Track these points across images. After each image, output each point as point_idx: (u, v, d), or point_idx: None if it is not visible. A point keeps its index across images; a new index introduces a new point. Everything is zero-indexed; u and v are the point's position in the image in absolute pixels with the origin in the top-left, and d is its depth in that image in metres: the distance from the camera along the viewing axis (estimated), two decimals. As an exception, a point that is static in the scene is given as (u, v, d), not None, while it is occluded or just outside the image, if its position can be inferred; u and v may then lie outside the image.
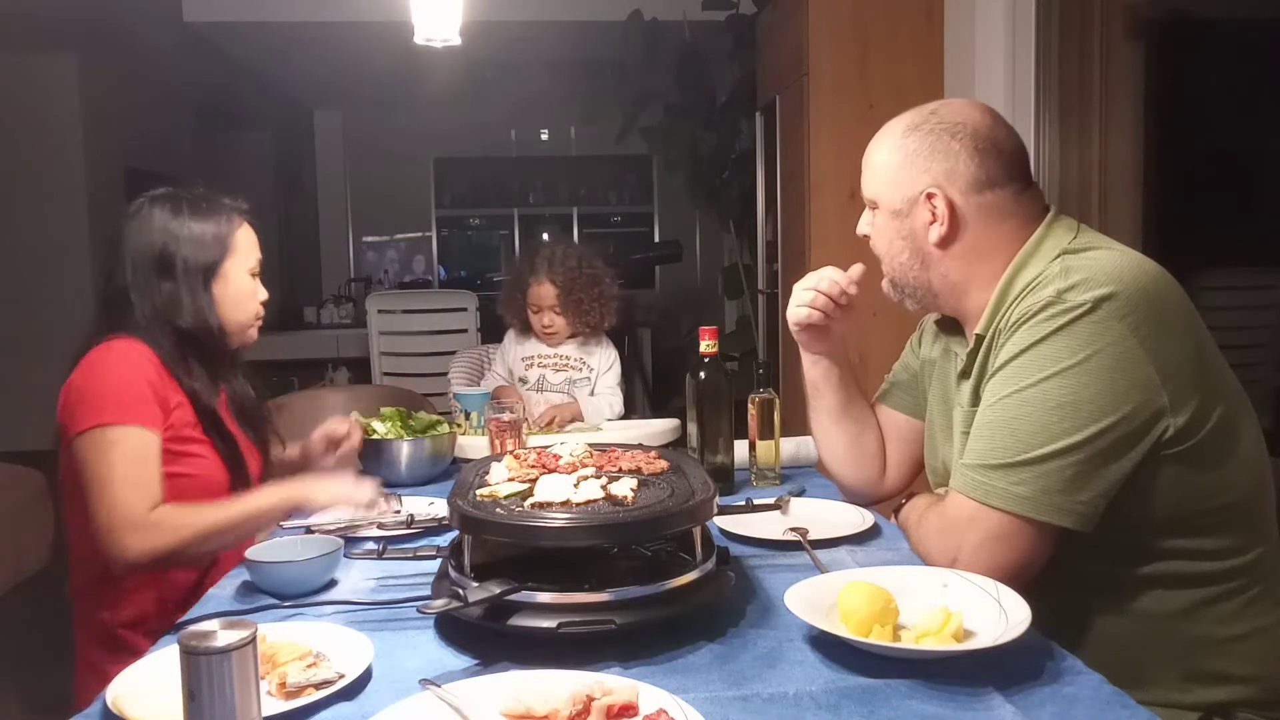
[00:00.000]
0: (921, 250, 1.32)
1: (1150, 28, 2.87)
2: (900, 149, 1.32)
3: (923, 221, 1.30)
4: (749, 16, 4.45)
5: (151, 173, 6.53)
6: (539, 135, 8.61)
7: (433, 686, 0.92)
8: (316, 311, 6.58)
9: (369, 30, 4.92)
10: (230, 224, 1.69)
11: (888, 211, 1.34)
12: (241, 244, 1.69)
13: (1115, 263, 1.18)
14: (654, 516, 1.09)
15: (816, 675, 0.97)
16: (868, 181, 1.37)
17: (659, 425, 2.28)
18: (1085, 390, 1.13)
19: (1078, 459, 1.12)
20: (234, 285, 1.68)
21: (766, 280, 4.12)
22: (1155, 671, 1.18)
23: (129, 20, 5.10)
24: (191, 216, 1.65)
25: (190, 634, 0.76)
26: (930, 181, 1.29)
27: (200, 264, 1.65)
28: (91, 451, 1.48)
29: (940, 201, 1.28)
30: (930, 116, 1.31)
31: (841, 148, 3.25)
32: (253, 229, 1.73)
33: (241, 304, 1.70)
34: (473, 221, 8.83)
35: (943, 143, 1.29)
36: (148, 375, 1.56)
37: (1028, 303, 1.20)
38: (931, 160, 1.29)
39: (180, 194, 1.68)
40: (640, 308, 6.67)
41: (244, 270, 1.70)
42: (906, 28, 3.25)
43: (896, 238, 1.34)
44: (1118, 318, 1.13)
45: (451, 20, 2.16)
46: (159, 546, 1.45)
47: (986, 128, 1.29)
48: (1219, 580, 1.18)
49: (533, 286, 2.72)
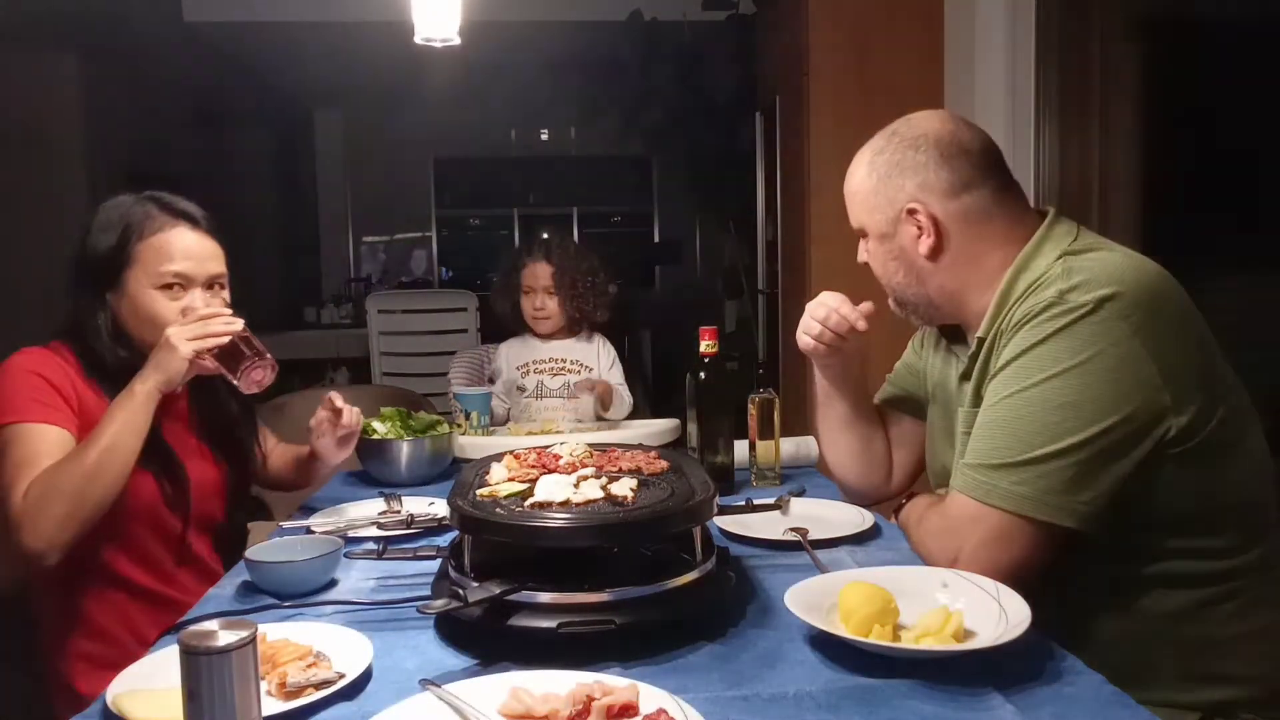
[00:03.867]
0: (914, 266, 1.34)
1: (1150, 28, 2.87)
2: (872, 174, 1.35)
3: (909, 238, 1.32)
4: (749, 16, 4.46)
5: (151, 173, 6.49)
6: (539, 135, 8.61)
7: (433, 686, 0.92)
8: (316, 311, 6.59)
9: (369, 30, 4.92)
10: (136, 227, 1.49)
11: (875, 236, 1.37)
12: (149, 252, 1.49)
13: (1117, 263, 1.19)
14: (654, 516, 1.09)
15: (816, 675, 0.97)
16: (852, 212, 1.41)
17: (659, 425, 2.27)
18: (1087, 390, 1.13)
19: (1079, 459, 1.12)
20: (131, 300, 1.49)
21: (766, 280, 4.12)
22: (1155, 671, 1.18)
23: (129, 20, 5.10)
24: (99, 215, 1.52)
25: (190, 634, 0.76)
26: (907, 198, 1.31)
27: (90, 271, 1.50)
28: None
29: (922, 215, 1.30)
30: (892, 138, 1.34)
31: (841, 148, 3.21)
32: (204, 234, 1.55)
33: (148, 323, 1.49)
34: (473, 221, 8.84)
35: (908, 158, 1.31)
36: (63, 377, 1.47)
37: (1029, 303, 1.20)
38: (903, 177, 1.31)
39: (116, 197, 1.55)
40: (640, 308, 6.68)
41: (146, 284, 1.49)
42: (906, 28, 3.25)
43: (889, 259, 1.36)
44: (1120, 318, 1.13)
45: (451, 20, 2.16)
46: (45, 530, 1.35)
47: (949, 133, 1.30)
48: (1220, 580, 1.18)
49: (528, 265, 2.68)
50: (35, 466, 1.38)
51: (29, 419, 1.42)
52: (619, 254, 6.80)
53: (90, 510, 1.38)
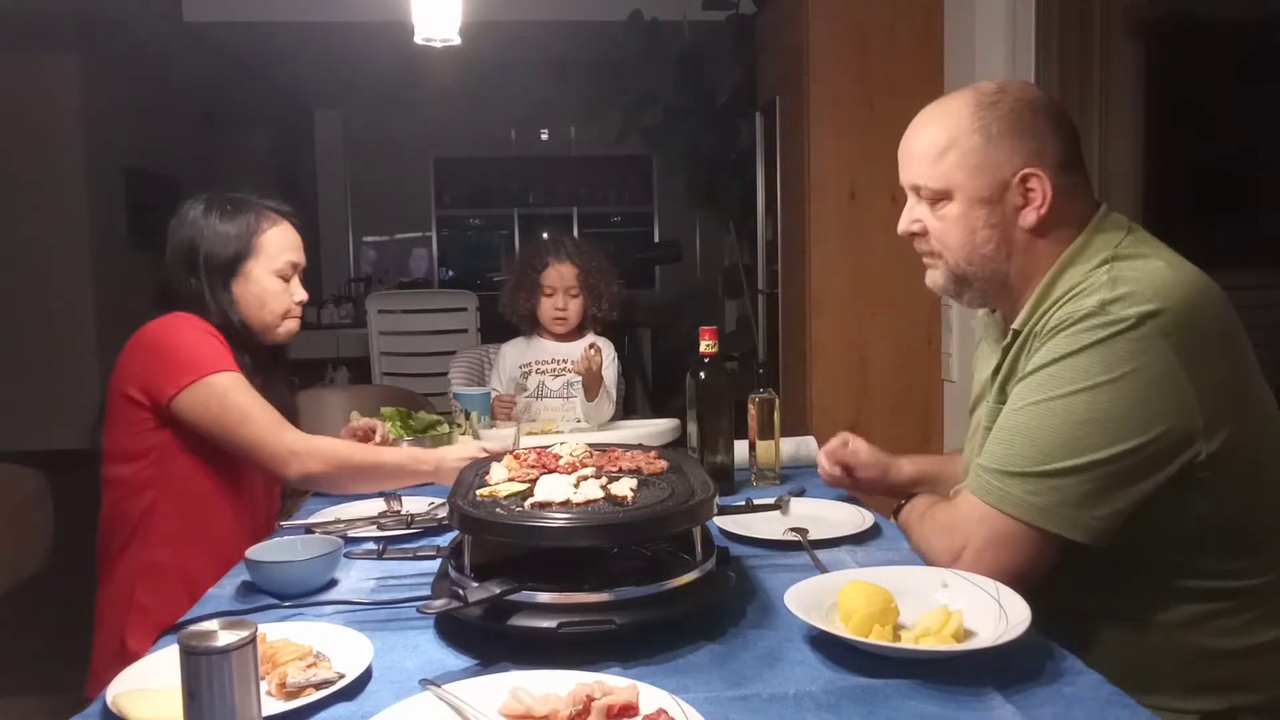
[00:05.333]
0: (1010, 239, 1.22)
1: (1150, 28, 2.87)
2: (980, 130, 1.20)
3: (1014, 206, 1.21)
4: (749, 16, 4.45)
5: (151, 173, 6.54)
6: (539, 135, 8.61)
7: (433, 686, 0.92)
8: (316, 311, 6.57)
9: (369, 30, 4.92)
10: (255, 224, 1.75)
11: (970, 200, 1.22)
12: (269, 245, 1.75)
13: (1165, 276, 1.13)
14: (654, 516, 1.08)
15: (816, 675, 0.97)
16: (932, 171, 1.24)
17: (659, 425, 2.27)
18: (1117, 408, 1.09)
19: (1097, 475, 1.09)
20: (256, 284, 1.74)
21: (766, 280, 4.12)
22: (1158, 679, 1.15)
23: (129, 20, 5.10)
24: (219, 216, 1.73)
25: (190, 634, 0.76)
26: (1022, 162, 1.19)
27: (220, 262, 1.72)
28: (211, 401, 1.60)
29: (1038, 183, 1.19)
30: (1002, 94, 1.21)
31: (841, 148, 3.25)
32: (294, 229, 1.80)
33: (266, 303, 1.75)
34: (473, 221, 8.84)
35: (1026, 120, 1.19)
36: (213, 334, 1.67)
37: (1068, 309, 1.14)
38: (1021, 138, 1.19)
39: (218, 195, 1.77)
40: (640, 308, 6.67)
41: (268, 271, 1.75)
42: (906, 28, 3.24)
43: (982, 227, 1.22)
44: (1161, 335, 1.08)
45: (451, 20, 2.16)
46: (314, 471, 1.63)
47: (1058, 105, 1.22)
48: (1233, 596, 1.15)
49: (551, 266, 2.66)
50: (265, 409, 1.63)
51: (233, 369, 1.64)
52: (619, 254, 6.80)
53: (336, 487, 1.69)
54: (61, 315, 5.93)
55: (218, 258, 1.72)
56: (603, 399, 2.53)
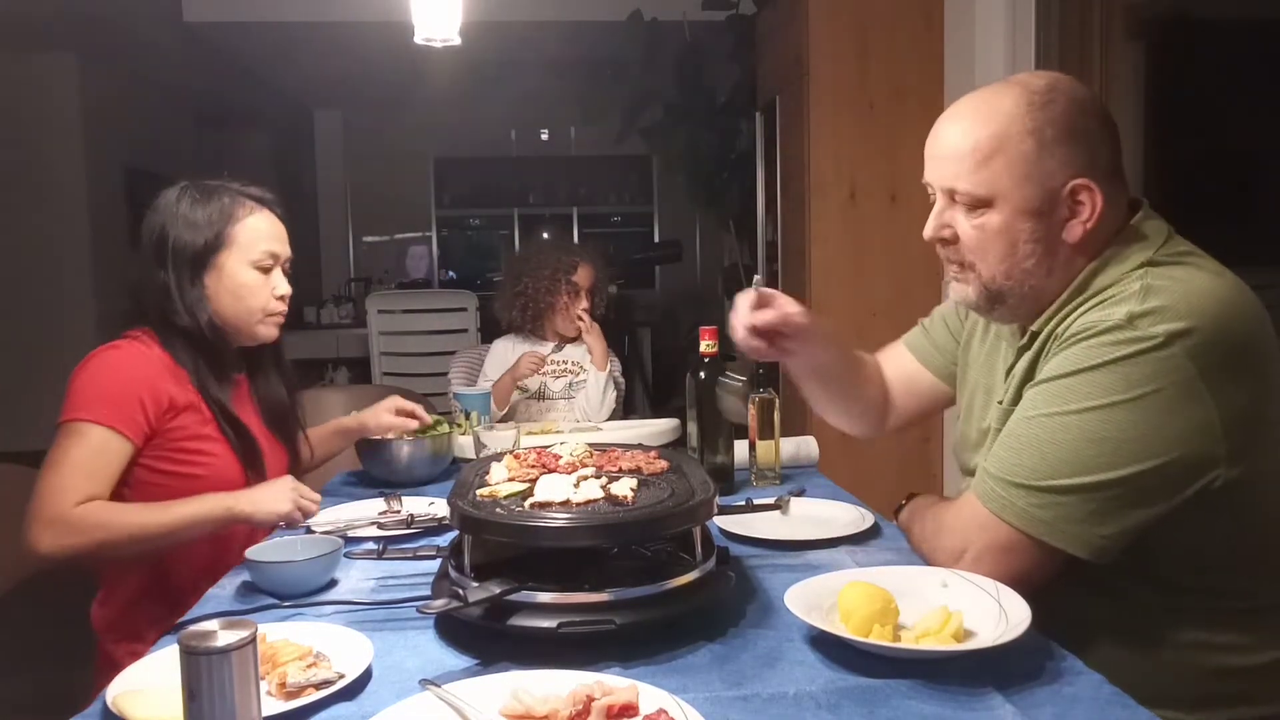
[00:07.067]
0: (1053, 252, 1.13)
1: (1150, 28, 2.87)
2: (1034, 134, 1.09)
3: (1060, 219, 1.12)
4: (749, 16, 4.45)
5: (151, 173, 6.54)
6: (539, 135, 8.61)
7: (433, 686, 0.92)
8: (316, 311, 6.59)
9: (369, 30, 4.92)
10: (229, 212, 1.61)
11: (1015, 210, 1.12)
12: (243, 234, 1.61)
13: (1200, 290, 1.06)
14: (654, 516, 1.08)
15: (816, 675, 0.97)
16: (974, 176, 1.12)
17: (659, 425, 2.27)
18: (1133, 429, 1.04)
19: (1105, 496, 1.05)
20: (229, 278, 1.61)
21: (766, 280, 4.12)
22: (1164, 693, 1.09)
23: (129, 20, 5.10)
24: (190, 203, 1.61)
25: (190, 634, 0.76)
26: (1075, 172, 1.10)
27: (189, 253, 1.59)
28: (56, 443, 1.49)
29: (1091, 195, 1.10)
30: (1054, 93, 1.10)
31: (841, 148, 3.25)
32: (277, 219, 1.67)
33: (241, 298, 1.61)
34: (473, 221, 8.84)
35: (1079, 125, 1.09)
36: (146, 377, 1.54)
37: (1094, 316, 1.08)
38: (1074, 146, 1.09)
39: (193, 181, 1.65)
40: (640, 308, 6.67)
41: (243, 262, 1.61)
42: (906, 28, 3.25)
43: (1026, 240, 1.13)
44: (1189, 357, 1.02)
45: (451, 20, 2.16)
46: (69, 544, 1.43)
47: (1103, 103, 1.12)
48: (1251, 615, 1.13)
49: (582, 267, 2.73)
50: (92, 476, 1.47)
51: (97, 420, 1.49)
52: (619, 254, 6.81)
53: (108, 555, 1.51)
54: (61, 315, 5.93)
55: (187, 247, 1.58)
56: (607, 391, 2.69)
